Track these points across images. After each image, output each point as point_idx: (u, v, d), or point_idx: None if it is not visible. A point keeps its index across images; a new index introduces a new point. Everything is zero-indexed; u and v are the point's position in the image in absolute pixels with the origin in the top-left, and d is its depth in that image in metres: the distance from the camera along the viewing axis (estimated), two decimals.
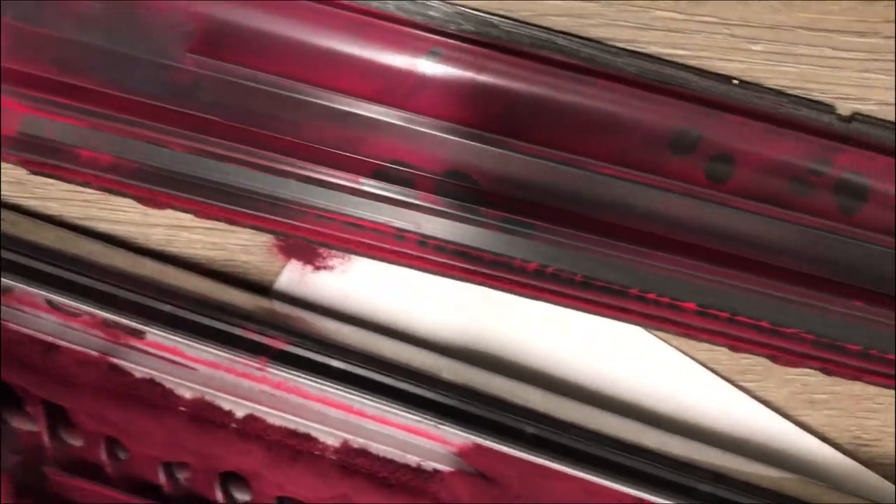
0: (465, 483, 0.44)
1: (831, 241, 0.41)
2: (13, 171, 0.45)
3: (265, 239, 0.45)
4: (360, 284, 0.46)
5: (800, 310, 0.42)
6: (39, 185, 0.45)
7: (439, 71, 0.39)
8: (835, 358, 0.44)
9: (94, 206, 0.45)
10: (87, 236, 0.45)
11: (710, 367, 0.47)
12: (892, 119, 0.40)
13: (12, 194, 0.45)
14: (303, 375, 0.42)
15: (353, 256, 0.45)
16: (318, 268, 0.46)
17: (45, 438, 0.45)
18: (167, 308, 0.42)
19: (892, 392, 0.47)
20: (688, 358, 0.47)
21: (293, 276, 0.46)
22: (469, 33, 0.38)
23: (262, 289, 0.47)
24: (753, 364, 0.47)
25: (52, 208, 0.45)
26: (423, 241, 0.42)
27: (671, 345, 0.47)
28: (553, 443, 0.42)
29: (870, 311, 0.42)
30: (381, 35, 0.38)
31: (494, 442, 0.42)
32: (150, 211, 0.45)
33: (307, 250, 0.45)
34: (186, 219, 0.45)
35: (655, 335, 0.46)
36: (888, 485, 0.49)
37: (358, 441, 0.45)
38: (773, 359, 0.44)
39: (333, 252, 0.45)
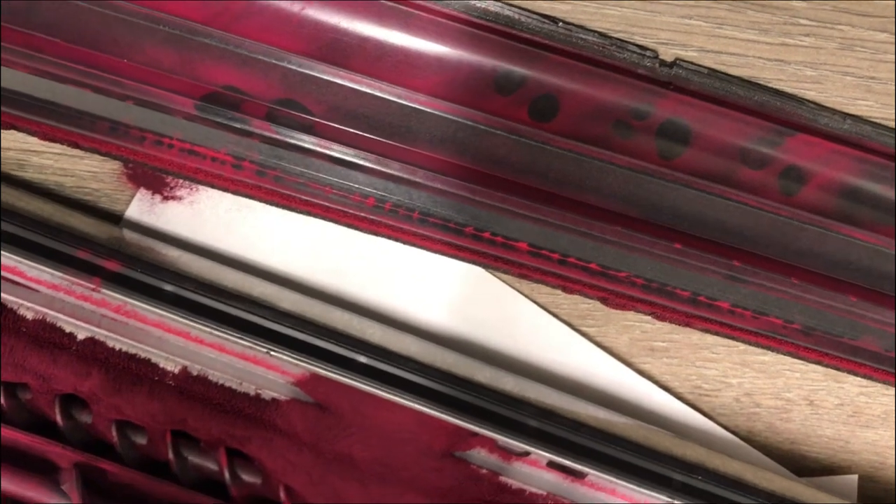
0: (300, 411, 0.45)
1: (653, 185, 0.42)
2: None
3: (114, 166, 0.46)
4: (206, 215, 0.47)
5: (628, 253, 0.44)
6: None
7: None
8: (664, 303, 0.45)
9: None
10: None
11: (551, 310, 0.48)
12: (713, 65, 0.41)
13: None
14: (136, 298, 0.43)
15: (200, 187, 0.46)
16: (166, 197, 0.46)
17: None
18: (8, 228, 0.42)
19: (728, 341, 0.48)
20: (528, 300, 0.48)
21: (142, 205, 0.47)
22: None
23: (114, 217, 0.47)
24: (593, 309, 0.48)
25: None
26: (262, 171, 0.43)
27: (513, 287, 0.48)
28: (385, 373, 0.43)
29: (693, 255, 0.43)
30: None
31: (327, 370, 0.43)
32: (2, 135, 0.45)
33: (156, 179, 0.46)
34: (36, 143, 0.45)
35: (496, 276, 0.47)
36: (728, 435, 0.50)
37: (196, 368, 0.45)
38: (605, 301, 0.46)
39: (181, 182, 0.46)
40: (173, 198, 0.46)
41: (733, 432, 0.50)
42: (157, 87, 0.41)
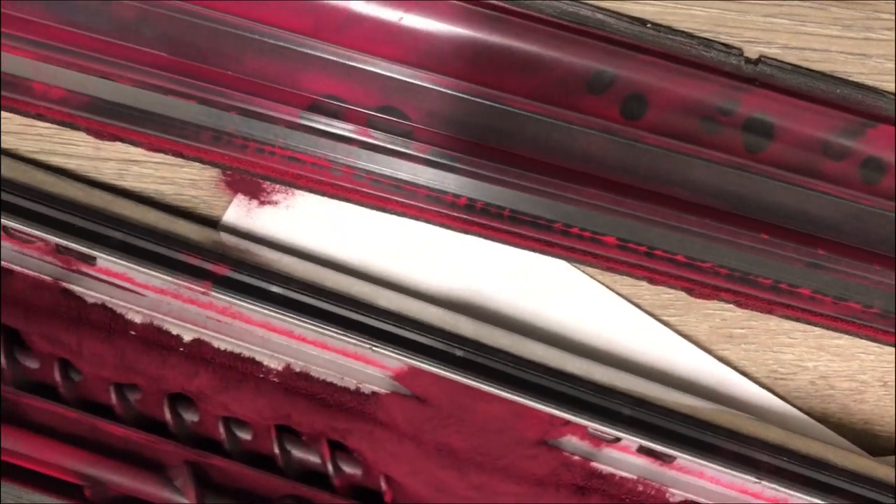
0: (400, 404, 0.47)
1: (739, 178, 0.44)
2: None
3: (212, 173, 0.48)
4: (302, 218, 0.48)
5: (713, 244, 0.45)
6: None
7: (370, 9, 0.41)
8: (747, 291, 0.47)
9: (48, 140, 0.48)
10: (43, 169, 0.47)
11: (633, 301, 0.50)
12: (796, 62, 0.42)
13: None
14: (245, 300, 0.44)
15: (295, 191, 0.48)
16: (262, 202, 0.48)
17: (1, 359, 0.47)
18: (117, 235, 0.44)
19: (806, 326, 0.49)
20: (611, 292, 0.49)
21: (240, 210, 0.49)
22: None
23: (211, 222, 0.49)
24: (674, 299, 0.50)
25: (8, 142, 0.47)
26: (360, 174, 0.45)
27: (596, 279, 0.49)
28: (482, 365, 0.45)
29: (777, 244, 0.45)
30: None
31: (426, 364, 0.45)
32: (102, 145, 0.47)
33: (252, 185, 0.48)
34: (136, 153, 0.47)
35: (580, 269, 0.49)
36: (803, 416, 0.52)
37: (299, 364, 0.47)
38: (690, 291, 0.47)
39: (277, 187, 0.48)
40: (269, 202, 0.48)
41: (808, 414, 0.52)
42: (261, 97, 0.43)
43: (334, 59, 0.42)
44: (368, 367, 0.47)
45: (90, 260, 0.46)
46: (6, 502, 0.45)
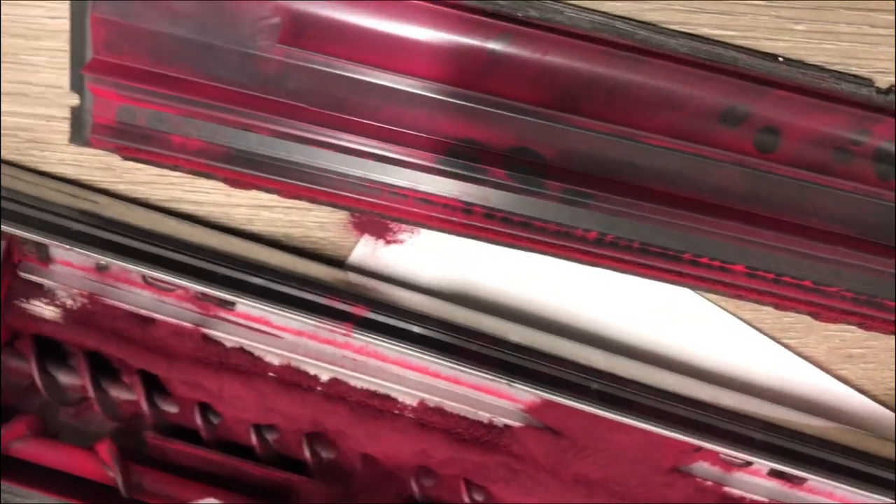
0: (535, 437, 0.48)
1: (870, 205, 0.44)
2: (103, 158, 0.48)
3: (341, 216, 0.49)
4: (427, 255, 0.49)
5: (840, 269, 0.46)
6: (128, 171, 0.48)
7: (507, 54, 0.42)
8: (872, 313, 0.47)
9: (178, 189, 0.49)
10: (174, 217, 0.48)
11: (755, 325, 0.50)
12: None
13: (103, 179, 0.48)
14: (384, 340, 0.45)
15: (421, 230, 0.49)
16: (388, 241, 0.49)
17: (143, 406, 0.48)
18: (256, 280, 0.45)
19: None
20: (734, 317, 0.50)
21: (366, 250, 0.49)
22: (535, 19, 0.41)
23: (337, 262, 0.50)
24: (795, 322, 0.50)
25: (140, 191, 0.49)
26: (490, 213, 0.46)
27: (719, 305, 0.50)
28: (616, 397, 0.46)
29: None
30: (453, 21, 0.42)
31: (564, 398, 0.46)
32: (233, 192, 0.48)
33: (379, 225, 0.49)
34: (267, 198, 0.48)
35: (703, 296, 0.50)
36: None
37: (434, 400, 0.48)
38: (815, 316, 0.48)
39: (403, 226, 0.48)
40: (395, 241, 0.49)
41: None
42: (397, 144, 0.44)
43: (471, 104, 0.43)
44: (501, 401, 0.48)
45: (229, 305, 0.47)
46: None
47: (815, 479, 0.47)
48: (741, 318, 0.50)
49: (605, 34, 0.42)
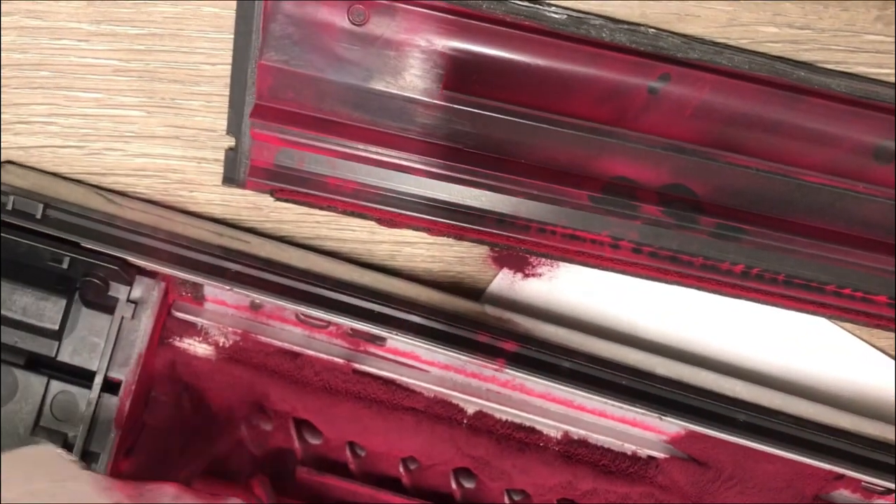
0: (680, 468, 0.48)
1: None
2: (251, 197, 0.49)
3: (481, 251, 0.50)
4: (565, 289, 0.50)
5: None
6: (274, 210, 0.49)
7: (667, 93, 0.43)
8: None
9: (323, 227, 0.50)
10: (320, 254, 0.49)
11: (889, 353, 0.51)
12: None
13: (250, 218, 0.49)
14: (537, 375, 0.46)
15: (560, 263, 0.49)
16: (527, 275, 0.50)
17: (295, 442, 0.49)
18: (409, 317, 0.46)
19: None
20: (869, 346, 0.51)
21: (503, 283, 0.50)
22: (695, 60, 0.42)
23: (473, 295, 0.51)
24: None
25: (286, 230, 0.50)
26: (638, 248, 0.46)
27: (854, 334, 0.51)
28: (763, 427, 0.47)
29: None
30: (615, 64, 0.42)
31: (712, 429, 0.46)
32: (377, 228, 0.49)
33: (518, 259, 0.49)
34: (410, 235, 0.49)
35: (837, 324, 0.50)
36: None
37: (578, 433, 0.49)
38: None
39: (543, 260, 0.49)
40: (534, 275, 0.50)
41: None
42: (551, 183, 0.45)
43: (628, 143, 0.44)
44: (645, 433, 0.49)
45: (380, 341, 0.48)
46: None
47: None
48: (875, 347, 0.51)
49: (764, 74, 0.42)
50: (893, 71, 0.43)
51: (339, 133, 0.45)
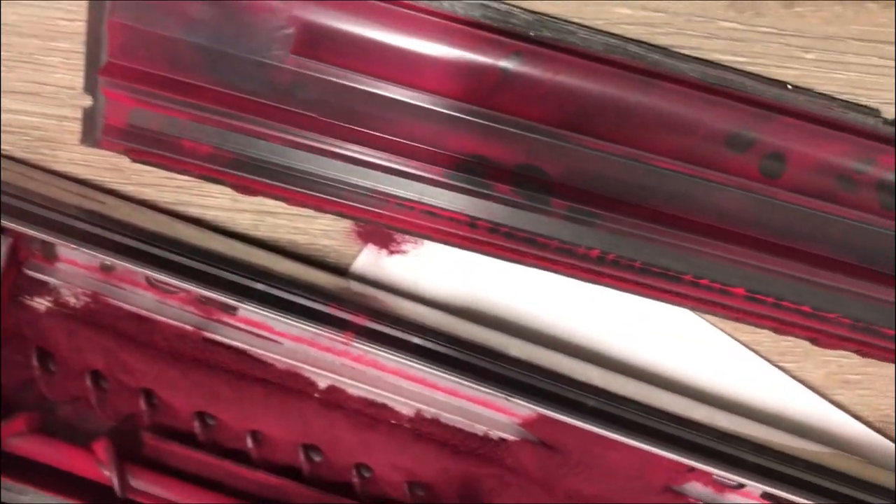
0: (529, 451, 0.48)
1: (872, 234, 0.45)
2: (112, 159, 0.48)
3: (345, 225, 0.49)
4: (430, 267, 0.50)
5: (840, 296, 0.46)
6: (136, 172, 0.49)
7: (519, 72, 0.42)
8: (870, 341, 0.48)
9: (186, 192, 0.49)
10: (180, 220, 0.48)
11: (753, 348, 0.51)
12: None
13: (111, 180, 0.49)
14: (384, 350, 0.46)
15: (425, 241, 0.49)
16: (392, 252, 0.49)
17: (142, 407, 0.48)
18: (260, 286, 0.45)
19: None
20: (731, 339, 0.50)
21: (369, 259, 0.50)
22: (548, 39, 0.42)
23: (339, 270, 0.50)
24: (793, 346, 0.51)
25: (147, 193, 0.49)
26: (495, 228, 0.46)
27: (717, 327, 0.50)
28: (612, 415, 0.46)
29: None
30: (467, 39, 0.42)
31: (559, 413, 0.46)
32: (240, 197, 0.48)
33: (383, 235, 0.49)
34: (273, 205, 0.49)
35: (702, 317, 0.50)
36: None
37: (430, 411, 0.48)
38: (814, 341, 0.48)
39: (408, 237, 0.49)
40: (399, 252, 0.49)
41: None
42: (407, 157, 0.44)
43: (481, 120, 0.43)
44: (497, 415, 0.48)
45: (231, 310, 0.47)
46: None
47: None
48: (739, 341, 0.50)
49: (618, 56, 0.42)
50: (747, 59, 0.43)
51: (192, 95, 0.44)
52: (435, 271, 0.50)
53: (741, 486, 0.48)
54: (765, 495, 0.48)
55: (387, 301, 0.48)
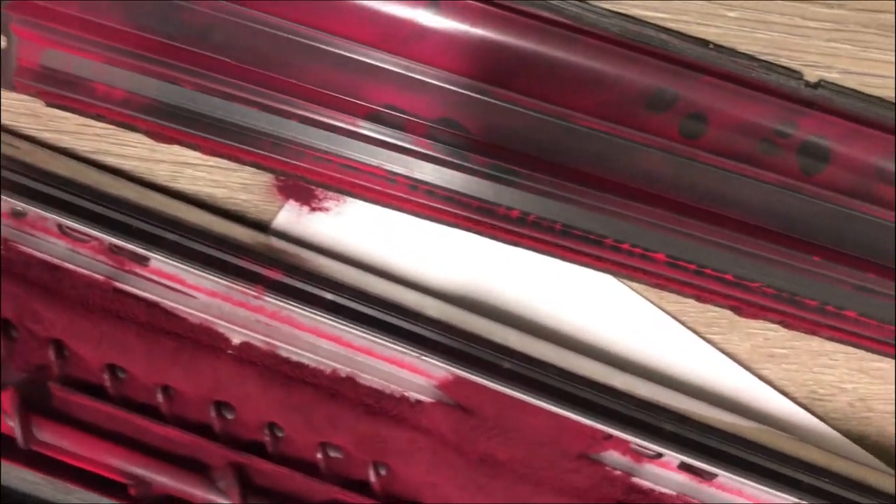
0: (444, 413, 0.47)
1: (793, 200, 0.44)
2: (29, 104, 0.47)
3: (265, 178, 0.48)
4: (352, 225, 0.49)
5: (762, 264, 0.46)
6: (53, 119, 0.47)
7: (436, 22, 0.42)
8: (794, 312, 0.47)
9: (104, 141, 0.48)
10: (97, 168, 0.48)
11: (678, 318, 0.50)
12: (855, 87, 0.43)
13: (28, 126, 0.48)
14: (296, 305, 0.45)
15: (347, 199, 0.48)
16: (314, 208, 0.49)
17: (51, 357, 0.47)
18: (171, 237, 0.45)
19: (847, 348, 0.50)
20: (656, 308, 0.50)
21: (290, 216, 0.49)
22: None
23: (261, 226, 0.49)
24: (718, 317, 0.50)
25: (65, 141, 0.48)
26: (415, 185, 0.45)
27: (642, 295, 0.50)
28: (528, 378, 0.46)
29: (827, 266, 0.45)
30: None
31: (473, 375, 0.45)
32: (157, 147, 0.47)
33: (304, 191, 0.48)
34: (191, 156, 0.48)
35: (627, 285, 0.49)
36: (841, 438, 0.52)
37: (346, 370, 0.47)
38: (737, 310, 0.47)
39: (329, 193, 0.48)
40: (320, 208, 0.48)
41: (846, 435, 0.52)
42: (323, 106, 0.43)
43: (398, 70, 0.42)
44: (414, 376, 0.47)
45: (143, 261, 0.46)
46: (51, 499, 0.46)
47: (724, 475, 0.47)
48: (664, 310, 0.50)
49: (535, 8, 0.41)
50: (668, 15, 0.42)
51: (105, 36, 0.43)
52: (357, 230, 0.49)
53: (659, 455, 0.47)
54: (682, 466, 0.47)
55: (307, 258, 0.47)
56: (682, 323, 0.50)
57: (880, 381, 0.51)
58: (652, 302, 0.50)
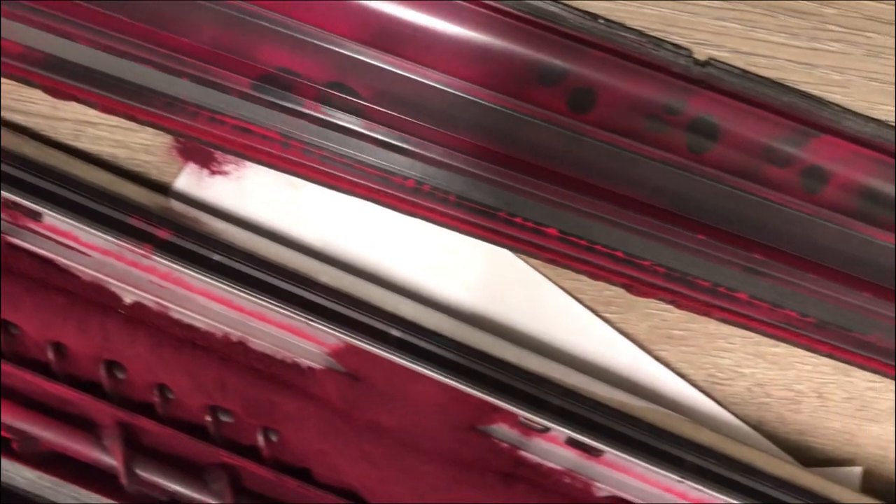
0: (334, 380, 0.47)
1: (681, 178, 0.44)
2: None
3: (165, 140, 0.48)
4: (251, 190, 0.49)
5: (652, 242, 0.46)
6: None
7: None
8: (685, 291, 0.47)
9: (6, 97, 0.48)
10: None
11: (575, 295, 0.50)
12: (744, 67, 0.43)
13: None
14: (185, 266, 0.45)
15: (246, 163, 0.48)
16: (214, 172, 0.49)
17: None
18: (64, 193, 0.45)
19: (745, 332, 0.50)
20: (553, 284, 0.50)
21: (190, 179, 0.49)
22: None
23: (162, 188, 0.49)
24: (615, 296, 0.50)
25: None
26: (309, 150, 0.45)
27: (539, 271, 0.50)
28: (417, 347, 0.46)
29: (714, 246, 0.45)
30: None
31: (362, 342, 0.45)
32: (60, 105, 0.47)
33: (204, 154, 0.48)
34: (93, 115, 0.48)
35: (524, 260, 0.49)
36: (738, 423, 0.52)
37: (237, 335, 0.48)
38: (629, 288, 0.48)
39: (229, 157, 0.48)
40: (220, 172, 0.49)
41: (744, 420, 0.52)
42: (214, 66, 0.43)
43: (288, 31, 0.42)
44: (305, 342, 0.48)
45: (36, 216, 0.46)
46: None
47: (611, 452, 0.47)
48: (560, 286, 0.50)
49: None
50: None
51: None
52: (256, 194, 0.49)
53: (546, 429, 0.47)
54: (570, 441, 0.48)
55: (205, 222, 0.47)
56: (579, 301, 0.50)
57: (777, 366, 0.51)
58: (549, 278, 0.50)
